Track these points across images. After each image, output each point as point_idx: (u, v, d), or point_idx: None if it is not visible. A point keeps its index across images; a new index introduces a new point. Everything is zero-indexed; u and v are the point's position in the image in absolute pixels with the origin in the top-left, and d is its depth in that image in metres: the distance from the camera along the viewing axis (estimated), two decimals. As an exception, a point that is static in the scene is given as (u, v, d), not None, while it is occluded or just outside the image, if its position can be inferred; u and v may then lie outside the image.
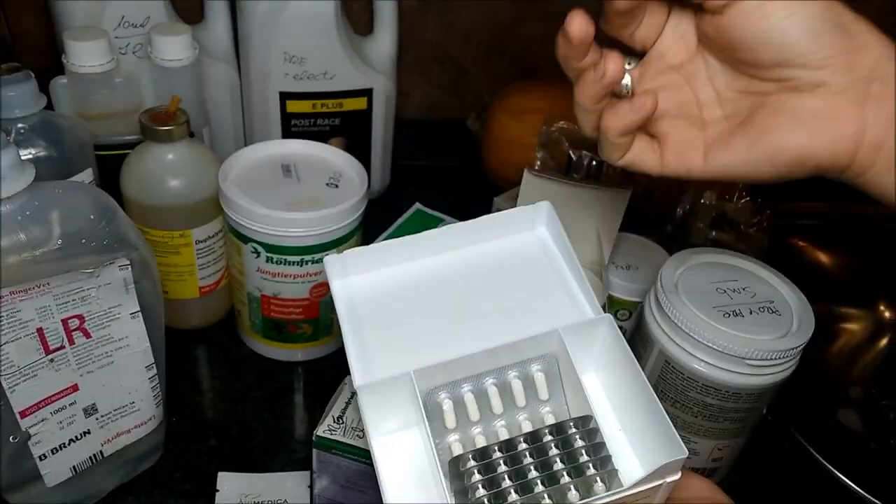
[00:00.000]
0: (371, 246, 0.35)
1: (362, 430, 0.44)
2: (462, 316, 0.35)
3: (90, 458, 0.46)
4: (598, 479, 0.31)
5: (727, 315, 0.48)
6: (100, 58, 0.56)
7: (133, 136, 0.57)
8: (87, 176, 0.55)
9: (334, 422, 0.44)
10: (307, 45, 0.66)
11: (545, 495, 0.30)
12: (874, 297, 0.72)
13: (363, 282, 0.36)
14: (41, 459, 0.44)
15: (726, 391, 0.48)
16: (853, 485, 0.53)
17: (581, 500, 0.30)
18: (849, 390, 0.68)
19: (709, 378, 0.47)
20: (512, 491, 0.30)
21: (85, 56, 0.55)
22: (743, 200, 0.68)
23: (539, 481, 0.30)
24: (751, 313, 0.48)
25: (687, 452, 0.30)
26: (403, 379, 0.32)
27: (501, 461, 0.31)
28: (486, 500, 0.29)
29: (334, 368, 0.61)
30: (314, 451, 0.44)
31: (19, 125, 0.49)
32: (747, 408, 0.50)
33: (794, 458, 0.55)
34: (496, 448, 0.31)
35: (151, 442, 0.50)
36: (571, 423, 0.32)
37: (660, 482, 0.31)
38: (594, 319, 0.35)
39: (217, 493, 0.49)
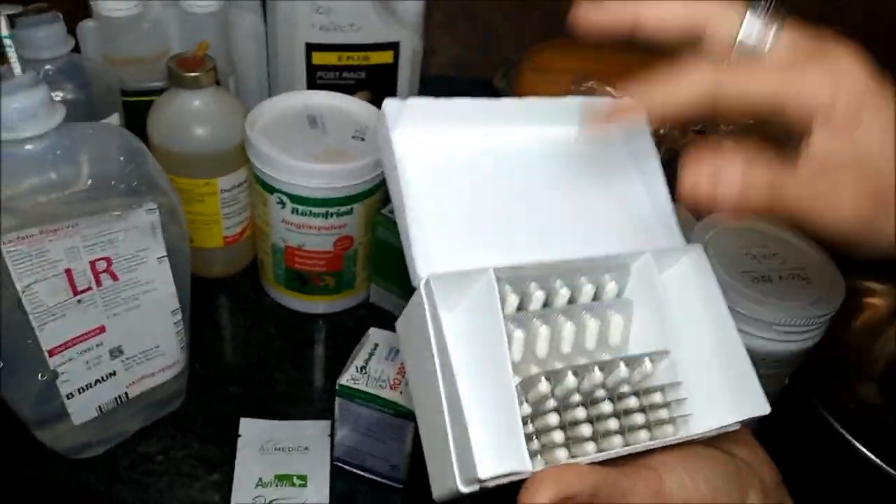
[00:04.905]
0: (439, 99, 0.31)
1: (384, 381, 0.44)
2: (535, 208, 0.32)
3: (115, 399, 0.47)
4: (669, 422, 0.31)
5: (756, 280, 0.47)
6: (127, 1, 0.55)
7: (159, 82, 0.57)
8: (113, 121, 0.55)
9: (357, 371, 0.44)
10: (335, -4, 0.65)
11: (616, 436, 0.30)
12: (899, 272, 0.71)
13: (424, 141, 0.31)
14: (68, 398, 0.45)
15: (751, 357, 0.47)
16: (874, 457, 0.53)
17: (651, 439, 0.30)
18: (870, 366, 0.67)
19: (733, 342, 0.47)
20: (583, 426, 0.29)
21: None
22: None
23: (612, 420, 0.30)
24: (780, 279, 0.47)
25: (770, 409, 0.29)
26: (481, 275, 0.28)
27: (576, 393, 0.29)
28: (557, 429, 0.29)
29: (356, 322, 0.61)
30: (337, 399, 0.45)
31: (46, 66, 0.49)
32: (770, 375, 0.49)
33: (813, 429, 0.55)
34: (571, 372, 0.29)
35: (175, 386, 0.51)
36: (649, 359, 0.31)
37: (724, 429, 0.31)
38: (687, 247, 0.33)
39: (239, 438, 0.50)
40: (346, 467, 0.49)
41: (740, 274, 0.47)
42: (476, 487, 0.27)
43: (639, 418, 0.30)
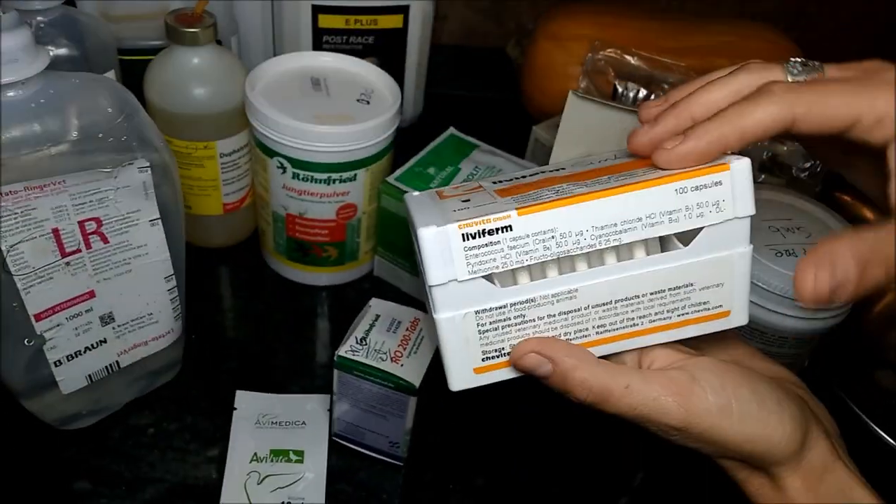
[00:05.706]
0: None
1: (385, 353, 0.42)
2: None
3: (106, 367, 0.45)
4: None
5: (780, 254, 0.45)
6: (125, -45, 0.53)
7: (158, 41, 0.54)
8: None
9: (357, 343, 0.42)
10: (343, -45, 0.62)
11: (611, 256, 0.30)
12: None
13: None
14: (56, 366, 0.43)
15: (772, 335, 0.45)
16: (891, 440, 0.51)
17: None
18: (888, 352, 0.65)
19: (756, 319, 0.45)
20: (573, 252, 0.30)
21: (109, -48, 0.52)
22: (796, 144, 0.64)
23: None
24: (805, 253, 0.45)
25: (754, 210, 0.29)
26: None
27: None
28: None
29: (359, 295, 0.59)
30: (335, 372, 0.43)
31: (38, 18, 0.47)
32: (791, 354, 0.47)
33: (831, 411, 0.53)
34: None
35: (169, 357, 0.49)
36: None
37: (727, 252, 0.29)
38: None
39: (234, 412, 0.48)
40: (345, 443, 0.47)
41: (764, 248, 0.45)
42: (449, 314, 0.29)
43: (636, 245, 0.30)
